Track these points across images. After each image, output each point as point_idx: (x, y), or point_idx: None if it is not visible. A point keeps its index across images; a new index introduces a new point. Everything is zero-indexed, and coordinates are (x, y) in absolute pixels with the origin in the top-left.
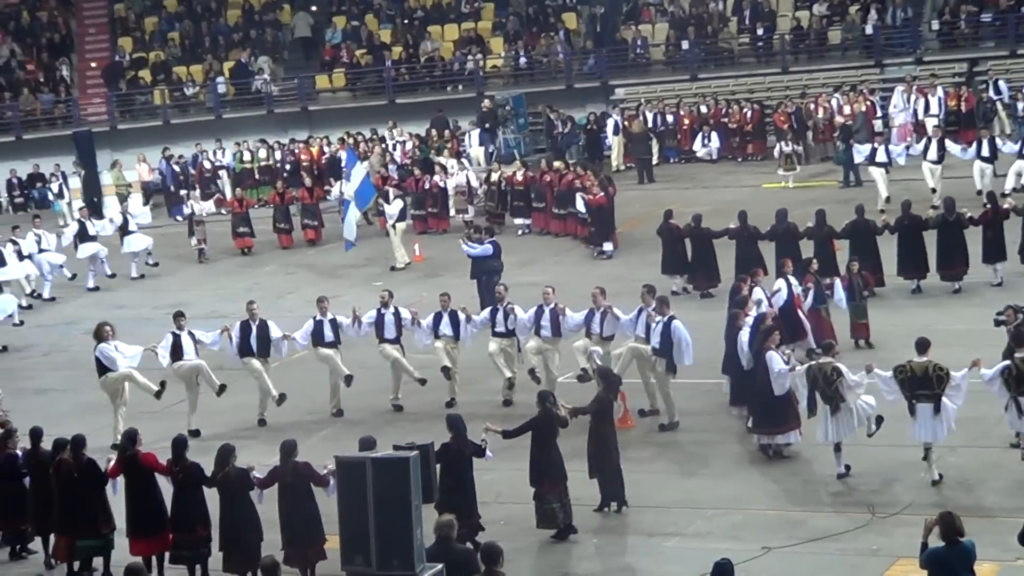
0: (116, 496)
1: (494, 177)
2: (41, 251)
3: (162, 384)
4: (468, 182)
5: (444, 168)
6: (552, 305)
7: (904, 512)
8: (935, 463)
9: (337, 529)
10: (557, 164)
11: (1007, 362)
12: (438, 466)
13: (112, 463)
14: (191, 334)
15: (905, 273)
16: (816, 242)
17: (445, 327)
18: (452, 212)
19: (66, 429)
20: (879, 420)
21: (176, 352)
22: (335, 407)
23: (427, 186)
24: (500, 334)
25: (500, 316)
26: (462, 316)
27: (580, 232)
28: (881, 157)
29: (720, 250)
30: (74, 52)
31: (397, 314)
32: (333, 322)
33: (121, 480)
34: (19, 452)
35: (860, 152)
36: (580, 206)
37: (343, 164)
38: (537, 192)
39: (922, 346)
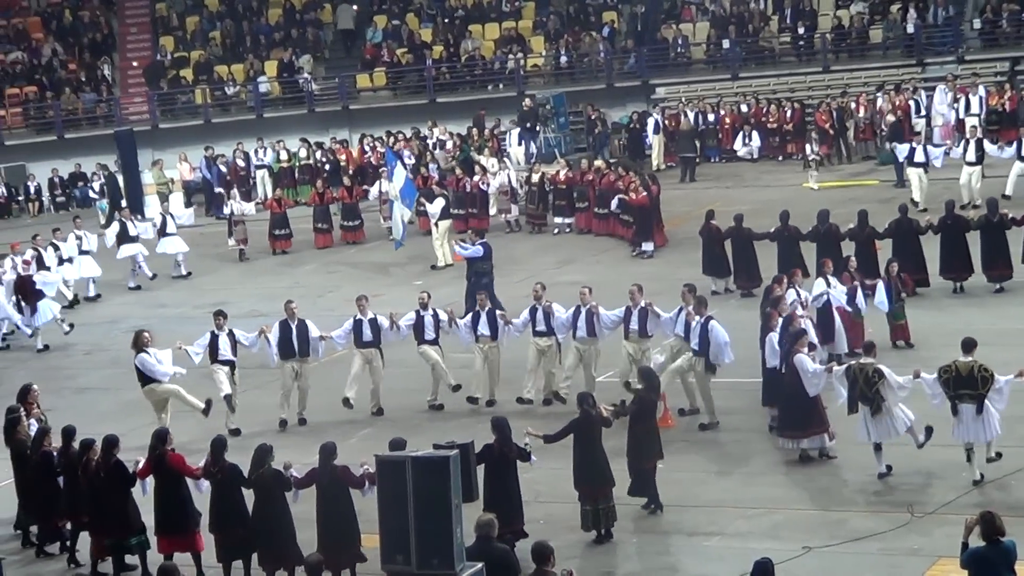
0: (145, 496)
1: (535, 177)
2: (82, 252)
3: (207, 403)
4: (509, 181)
5: (484, 168)
6: (588, 306)
7: (945, 512)
8: (976, 463)
9: (377, 528)
10: (598, 164)
11: None
12: (480, 467)
13: (143, 462)
14: (231, 334)
15: (947, 274)
16: (858, 243)
17: (483, 327)
18: (494, 211)
19: (107, 428)
20: (928, 431)
21: (213, 351)
22: (375, 406)
23: (467, 187)
24: (540, 333)
25: (540, 315)
26: (500, 320)
27: (621, 232)
28: (919, 157)
29: (761, 251)
30: (116, 51)
31: (436, 316)
32: (373, 322)
33: (151, 479)
34: (54, 451)
35: (900, 151)
36: (614, 205)
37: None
38: (579, 191)
39: (968, 346)
